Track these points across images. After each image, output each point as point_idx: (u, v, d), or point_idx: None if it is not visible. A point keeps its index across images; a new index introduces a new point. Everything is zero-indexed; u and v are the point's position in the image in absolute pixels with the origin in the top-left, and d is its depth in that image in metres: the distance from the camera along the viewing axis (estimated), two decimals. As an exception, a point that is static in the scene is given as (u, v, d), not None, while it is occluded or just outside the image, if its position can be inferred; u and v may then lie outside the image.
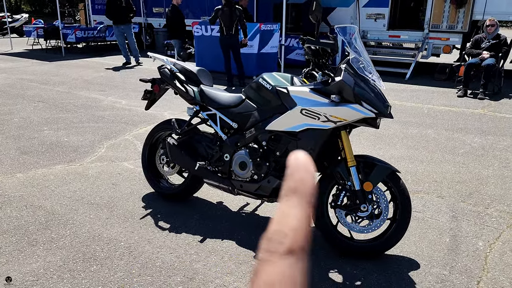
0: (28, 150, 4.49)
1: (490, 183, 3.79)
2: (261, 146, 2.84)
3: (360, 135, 5.05)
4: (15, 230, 2.92)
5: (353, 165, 2.60)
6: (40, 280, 2.39)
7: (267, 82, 2.77)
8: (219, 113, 3.03)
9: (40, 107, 6.38)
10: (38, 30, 14.18)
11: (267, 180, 2.80)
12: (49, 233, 2.90)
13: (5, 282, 2.32)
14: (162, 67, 3.34)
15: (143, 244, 2.79)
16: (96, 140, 4.86)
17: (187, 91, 3.15)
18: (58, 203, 3.33)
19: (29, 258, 2.60)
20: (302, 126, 2.58)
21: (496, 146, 4.77)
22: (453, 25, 9.28)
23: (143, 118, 5.73)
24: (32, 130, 5.19)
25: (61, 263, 2.56)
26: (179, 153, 3.14)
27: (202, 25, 9.73)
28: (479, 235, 2.94)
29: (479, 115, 6.15)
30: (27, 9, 33.40)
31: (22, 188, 3.59)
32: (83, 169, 4.01)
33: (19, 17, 20.96)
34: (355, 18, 10.34)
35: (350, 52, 2.55)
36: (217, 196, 3.49)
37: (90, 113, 6.07)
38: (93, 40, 13.99)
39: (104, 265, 2.55)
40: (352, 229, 2.68)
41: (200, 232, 2.94)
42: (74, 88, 7.86)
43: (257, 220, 3.14)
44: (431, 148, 4.71)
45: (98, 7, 15.57)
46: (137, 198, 3.44)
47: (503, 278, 2.48)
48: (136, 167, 3.99)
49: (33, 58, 12.05)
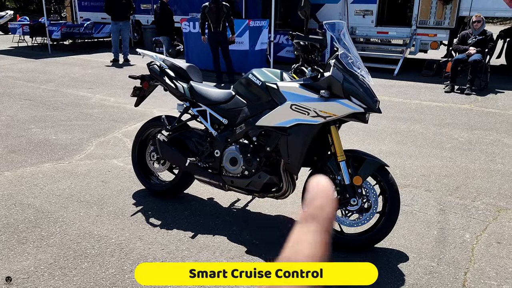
0: (15, 149, 4.45)
1: (477, 177, 3.86)
2: (252, 141, 2.85)
3: (349, 130, 5.09)
4: (5, 228, 2.90)
5: (342, 159, 2.63)
6: (31, 278, 2.38)
7: (256, 77, 2.78)
8: (209, 109, 3.03)
9: (27, 105, 6.31)
10: (23, 27, 13.97)
11: (258, 175, 2.82)
12: (39, 231, 2.88)
13: (5, 282, 2.32)
14: (151, 64, 3.33)
15: (134, 240, 2.79)
16: (84, 137, 4.83)
17: (176, 87, 3.15)
18: (48, 201, 3.31)
19: (19, 256, 2.58)
20: (292, 122, 2.60)
21: (482, 141, 4.85)
22: (440, 21, 9.38)
23: (132, 116, 5.70)
24: (20, 129, 5.13)
25: (52, 260, 2.55)
26: (169, 150, 3.14)
27: (191, 21, 9.69)
28: (466, 227, 2.99)
29: (466, 110, 6.24)
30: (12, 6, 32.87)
31: (10, 186, 3.55)
32: (72, 167, 3.99)
33: (4, 14, 20.61)
34: (344, 14, 10.39)
35: (339, 48, 2.57)
36: (208, 192, 3.49)
37: (78, 110, 6.03)
38: (80, 37, 13.84)
39: (96, 262, 2.55)
40: (342, 223, 2.72)
41: (191, 228, 2.95)
42: (62, 86, 7.78)
43: (248, 216, 3.16)
44: (419, 143, 4.77)
45: (84, 3, 15.41)
46: (128, 195, 3.43)
47: (489, 269, 2.53)
48: (126, 164, 3.98)
49: (19, 56, 11.88)
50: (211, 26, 7.94)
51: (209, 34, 8.05)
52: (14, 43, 14.59)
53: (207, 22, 7.97)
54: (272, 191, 2.86)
